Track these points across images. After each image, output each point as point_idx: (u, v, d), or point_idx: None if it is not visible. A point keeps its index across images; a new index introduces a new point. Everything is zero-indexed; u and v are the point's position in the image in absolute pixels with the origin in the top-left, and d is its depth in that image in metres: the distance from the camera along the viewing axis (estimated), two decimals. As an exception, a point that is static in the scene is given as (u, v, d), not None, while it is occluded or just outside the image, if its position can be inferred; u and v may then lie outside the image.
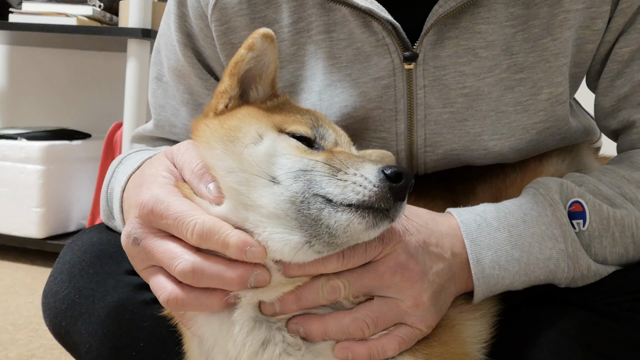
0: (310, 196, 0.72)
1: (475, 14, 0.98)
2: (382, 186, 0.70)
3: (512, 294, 0.90)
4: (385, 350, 0.79)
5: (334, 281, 0.77)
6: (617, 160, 1.03)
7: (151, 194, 0.78)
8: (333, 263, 0.76)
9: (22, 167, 2.74)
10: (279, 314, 0.78)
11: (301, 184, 0.73)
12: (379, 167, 0.72)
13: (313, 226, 0.71)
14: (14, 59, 3.54)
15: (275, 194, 0.73)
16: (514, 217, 0.88)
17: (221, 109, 0.85)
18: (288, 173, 0.74)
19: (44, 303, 1.01)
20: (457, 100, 1.00)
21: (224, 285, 0.75)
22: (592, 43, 1.02)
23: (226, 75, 0.86)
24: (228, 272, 0.74)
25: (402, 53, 0.98)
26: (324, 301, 0.78)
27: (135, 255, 0.81)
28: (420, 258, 0.80)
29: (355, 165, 0.73)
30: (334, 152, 0.77)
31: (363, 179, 0.71)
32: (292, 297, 0.77)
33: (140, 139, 1.25)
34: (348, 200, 0.70)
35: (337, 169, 0.72)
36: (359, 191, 0.70)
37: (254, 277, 0.74)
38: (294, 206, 0.72)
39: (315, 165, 0.74)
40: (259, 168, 0.74)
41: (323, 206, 0.71)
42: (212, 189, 0.77)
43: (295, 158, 0.75)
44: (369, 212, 0.70)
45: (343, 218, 0.70)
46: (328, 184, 0.72)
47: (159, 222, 0.77)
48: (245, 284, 0.74)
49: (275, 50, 0.85)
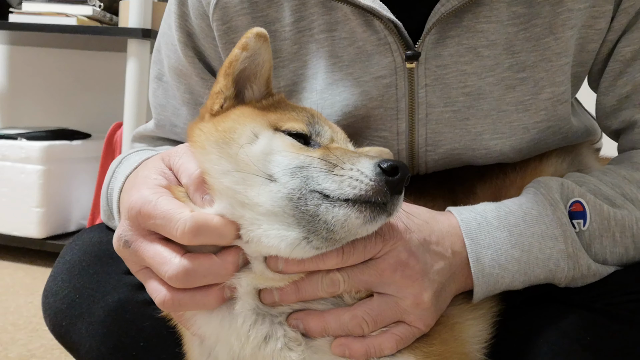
0: (307, 192, 0.72)
1: (477, 12, 0.98)
2: (378, 180, 0.71)
3: (512, 294, 0.90)
4: (382, 348, 0.79)
5: (333, 274, 0.77)
6: (618, 160, 1.03)
7: (139, 195, 0.77)
8: (332, 259, 0.76)
9: (22, 167, 2.74)
10: (278, 303, 0.78)
11: (298, 180, 0.73)
12: (375, 161, 0.72)
13: (311, 222, 0.71)
14: (14, 59, 3.54)
15: (272, 192, 0.73)
16: (515, 217, 0.88)
17: (217, 109, 0.85)
18: (284, 170, 0.74)
19: (44, 303, 1.01)
20: (458, 100, 1.00)
21: (220, 278, 0.75)
22: (594, 42, 1.02)
23: (221, 75, 0.86)
24: (221, 264, 0.74)
25: (403, 52, 0.98)
26: (324, 293, 0.78)
27: (127, 258, 0.81)
28: (420, 256, 0.81)
29: (351, 160, 0.73)
30: (330, 148, 0.78)
31: (359, 173, 0.71)
32: (291, 287, 0.77)
33: (141, 139, 1.25)
34: (345, 195, 0.70)
35: (333, 164, 0.73)
36: (355, 185, 0.70)
37: (241, 256, 0.75)
38: (291, 203, 0.72)
39: (311, 161, 0.74)
40: (255, 167, 0.75)
41: (320, 202, 0.71)
42: (207, 200, 0.77)
43: (292, 155, 0.76)
44: (366, 206, 0.71)
45: (340, 213, 0.70)
46: (325, 180, 0.72)
47: (148, 223, 0.76)
48: (237, 266, 0.75)
49: (269, 49, 0.86)
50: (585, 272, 0.87)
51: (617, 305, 0.86)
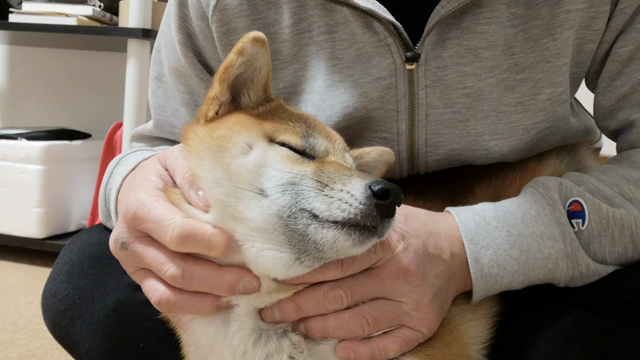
0: (297, 210, 0.71)
1: (477, 14, 0.98)
2: (368, 204, 0.69)
3: (512, 294, 0.90)
4: (387, 350, 0.78)
5: (335, 291, 0.77)
6: (617, 160, 1.03)
7: (136, 197, 0.78)
8: (332, 271, 0.76)
9: (22, 167, 2.74)
10: (279, 321, 0.78)
11: (288, 197, 0.72)
12: (366, 183, 0.71)
13: (301, 241, 0.71)
14: (14, 59, 3.54)
15: (263, 207, 0.72)
16: (513, 217, 0.88)
17: (211, 115, 0.84)
18: (276, 186, 0.73)
19: (43, 304, 1.01)
20: (458, 101, 1.00)
21: (212, 290, 0.75)
22: (592, 43, 1.02)
23: (216, 80, 0.85)
24: (217, 277, 0.74)
25: (403, 53, 0.98)
26: (326, 311, 0.77)
27: (124, 259, 0.81)
28: (420, 261, 0.80)
29: (342, 180, 0.72)
30: (324, 163, 0.76)
31: (349, 195, 0.70)
32: (292, 306, 0.77)
33: (140, 138, 1.25)
34: (334, 218, 0.70)
35: (324, 184, 0.72)
36: (344, 209, 0.69)
37: (242, 284, 0.74)
38: (281, 220, 0.71)
39: (303, 178, 0.73)
40: (247, 180, 0.74)
41: (310, 222, 0.70)
42: (201, 196, 0.76)
43: (284, 169, 0.74)
44: (355, 230, 0.70)
45: (329, 235, 0.69)
46: (315, 199, 0.71)
47: (142, 226, 0.76)
48: (234, 290, 0.74)
49: (267, 54, 0.83)
50: (584, 271, 0.87)
51: (617, 305, 0.86)
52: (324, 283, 0.77)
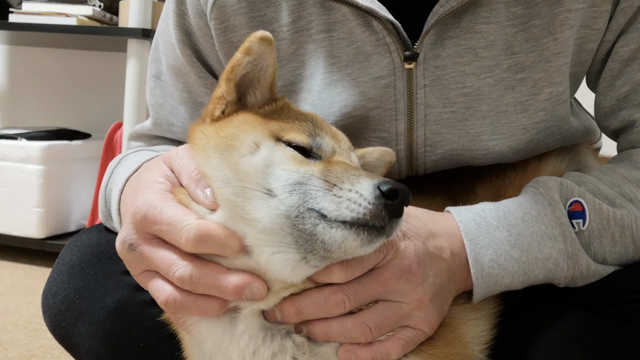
0: (305, 210, 0.71)
1: (476, 13, 0.98)
2: (377, 204, 0.69)
3: (512, 294, 0.90)
4: (389, 353, 0.78)
5: (337, 295, 0.76)
6: (617, 160, 1.03)
7: (145, 199, 0.77)
8: (336, 273, 0.75)
9: (22, 167, 2.74)
10: (281, 323, 0.78)
11: (296, 197, 0.71)
12: (375, 183, 0.71)
13: (308, 241, 0.70)
14: (14, 59, 3.54)
15: (270, 207, 0.72)
16: (514, 217, 0.88)
17: (218, 114, 0.84)
18: (284, 186, 0.73)
19: (43, 304, 1.01)
20: (457, 100, 1.00)
21: (219, 294, 0.74)
22: (592, 42, 1.01)
23: (223, 80, 0.84)
24: (224, 281, 0.73)
25: (402, 52, 0.98)
26: (328, 315, 0.77)
27: (131, 261, 0.80)
28: (421, 261, 0.80)
29: (351, 180, 0.71)
30: (332, 163, 0.76)
31: (358, 195, 0.70)
32: (292, 310, 0.77)
33: (138, 137, 1.25)
34: (342, 217, 0.69)
35: (332, 183, 0.71)
36: (353, 208, 0.69)
37: (249, 290, 0.74)
38: (289, 220, 0.71)
39: (310, 177, 0.73)
40: (255, 180, 0.73)
41: (318, 221, 0.70)
42: (208, 194, 0.76)
43: (292, 169, 0.74)
44: (363, 229, 0.70)
45: (338, 234, 0.69)
46: (323, 199, 0.70)
47: (152, 228, 0.76)
48: (241, 295, 0.74)
49: (273, 54, 0.83)
50: (584, 271, 0.87)
51: (617, 305, 0.86)
52: (326, 286, 0.77)
